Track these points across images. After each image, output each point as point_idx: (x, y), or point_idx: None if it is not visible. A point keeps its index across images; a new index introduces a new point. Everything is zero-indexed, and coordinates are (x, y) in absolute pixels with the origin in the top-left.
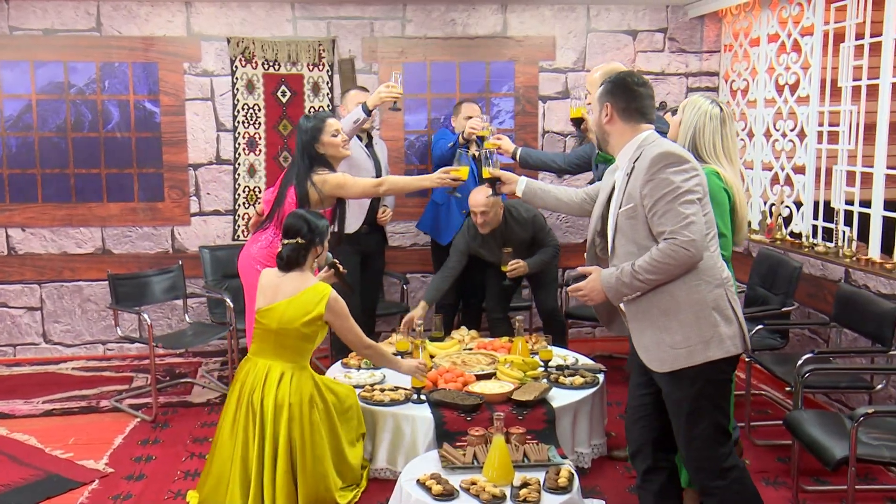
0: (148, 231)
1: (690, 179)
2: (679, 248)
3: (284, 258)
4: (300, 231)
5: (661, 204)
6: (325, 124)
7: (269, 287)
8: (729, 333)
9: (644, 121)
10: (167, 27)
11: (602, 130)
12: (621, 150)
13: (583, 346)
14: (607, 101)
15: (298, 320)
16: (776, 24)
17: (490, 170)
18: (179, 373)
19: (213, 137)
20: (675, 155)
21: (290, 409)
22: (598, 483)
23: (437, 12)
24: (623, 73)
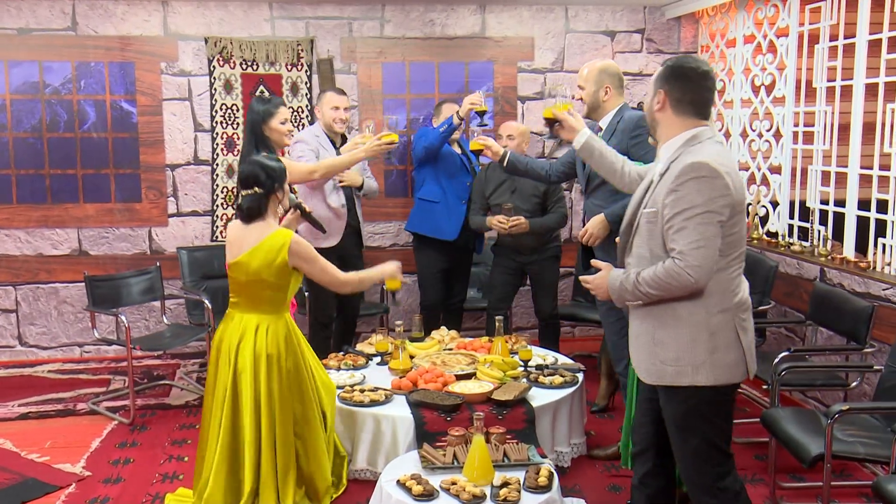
0: (125, 232)
1: (717, 199)
2: (682, 271)
3: (245, 210)
4: (258, 179)
5: (679, 219)
6: (277, 110)
7: (234, 240)
8: (726, 361)
9: (697, 116)
10: (144, 27)
11: (652, 117)
12: (666, 143)
13: (562, 346)
14: (662, 87)
15: (264, 271)
16: (752, 25)
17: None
18: (157, 375)
19: (191, 138)
20: (707, 167)
21: (268, 361)
22: (578, 482)
23: (416, 13)
24: (684, 59)
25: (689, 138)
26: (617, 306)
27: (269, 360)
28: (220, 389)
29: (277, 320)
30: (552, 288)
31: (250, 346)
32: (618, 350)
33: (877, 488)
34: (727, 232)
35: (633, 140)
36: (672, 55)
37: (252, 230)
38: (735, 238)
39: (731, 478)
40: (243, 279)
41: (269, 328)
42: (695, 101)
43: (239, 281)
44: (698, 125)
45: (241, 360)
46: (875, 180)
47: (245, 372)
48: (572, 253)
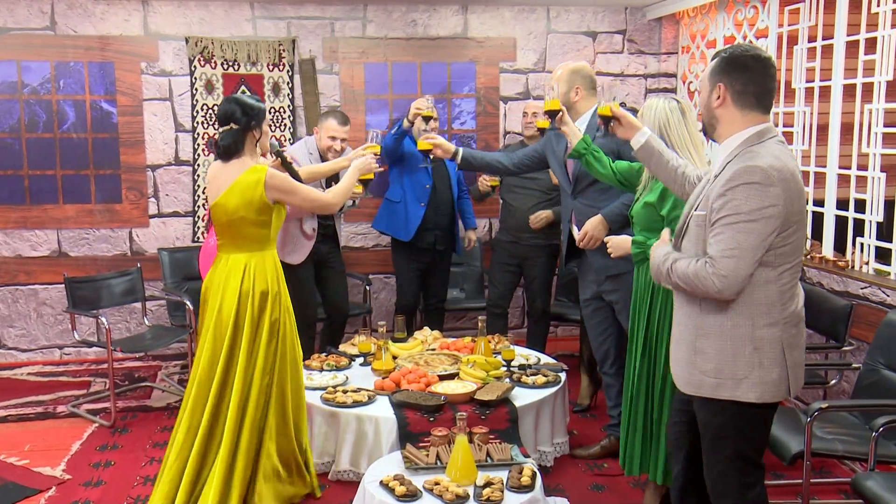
0: (105, 233)
1: (766, 209)
2: (709, 277)
3: (221, 147)
4: (233, 115)
5: (720, 224)
6: None
7: (213, 180)
8: (769, 378)
9: (761, 110)
10: (124, 26)
11: (710, 114)
12: (725, 140)
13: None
14: (721, 80)
15: (243, 209)
16: (732, 26)
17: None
18: (138, 377)
19: (172, 138)
20: (762, 173)
21: (262, 298)
22: (561, 481)
23: (398, 13)
24: (742, 47)
25: (752, 136)
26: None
27: (262, 297)
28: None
29: (265, 257)
30: (549, 284)
31: (237, 284)
32: (601, 350)
33: (855, 485)
34: (779, 243)
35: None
36: (654, 56)
37: (229, 168)
38: (789, 248)
39: (758, 490)
40: (224, 220)
41: (257, 265)
42: (758, 93)
43: (221, 222)
44: (762, 121)
45: (229, 301)
46: (853, 180)
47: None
48: None
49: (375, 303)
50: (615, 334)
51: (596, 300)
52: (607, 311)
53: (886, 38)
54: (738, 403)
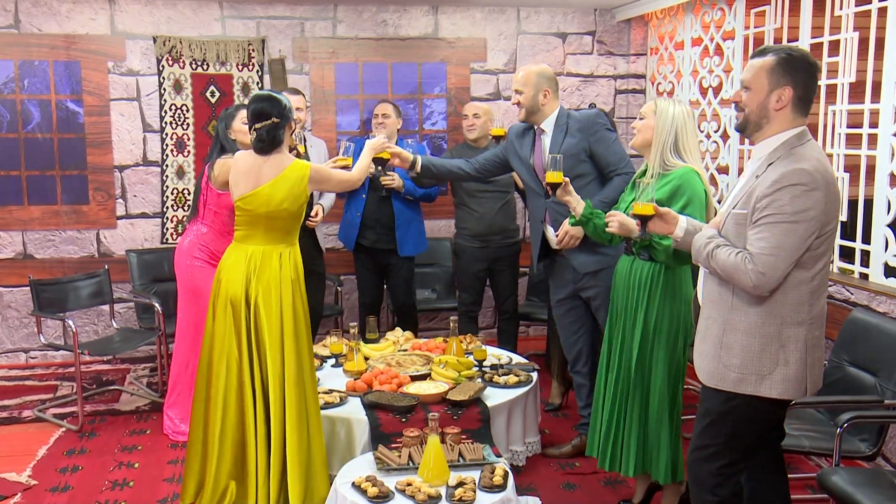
0: (72, 235)
1: (808, 211)
2: (749, 272)
3: (265, 139)
4: (272, 112)
5: (763, 222)
6: (238, 113)
7: (248, 172)
8: (792, 376)
9: (805, 115)
10: (90, 25)
11: (764, 115)
12: (764, 141)
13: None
14: (788, 83)
15: (288, 201)
16: (699, 28)
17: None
18: (107, 380)
19: (140, 138)
20: (808, 176)
21: (292, 285)
22: (533, 480)
23: (369, 13)
24: (806, 51)
25: (792, 138)
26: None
27: (292, 286)
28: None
29: (295, 249)
30: (517, 283)
31: (274, 274)
32: (573, 350)
33: (821, 480)
34: (816, 245)
35: (594, 137)
36: (623, 57)
37: (269, 161)
38: (822, 251)
39: (735, 479)
40: (263, 210)
41: (287, 256)
42: (810, 99)
43: (257, 213)
44: (803, 123)
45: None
46: None
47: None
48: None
49: (347, 304)
50: (588, 333)
51: (571, 299)
52: (582, 310)
53: (849, 41)
54: (746, 397)
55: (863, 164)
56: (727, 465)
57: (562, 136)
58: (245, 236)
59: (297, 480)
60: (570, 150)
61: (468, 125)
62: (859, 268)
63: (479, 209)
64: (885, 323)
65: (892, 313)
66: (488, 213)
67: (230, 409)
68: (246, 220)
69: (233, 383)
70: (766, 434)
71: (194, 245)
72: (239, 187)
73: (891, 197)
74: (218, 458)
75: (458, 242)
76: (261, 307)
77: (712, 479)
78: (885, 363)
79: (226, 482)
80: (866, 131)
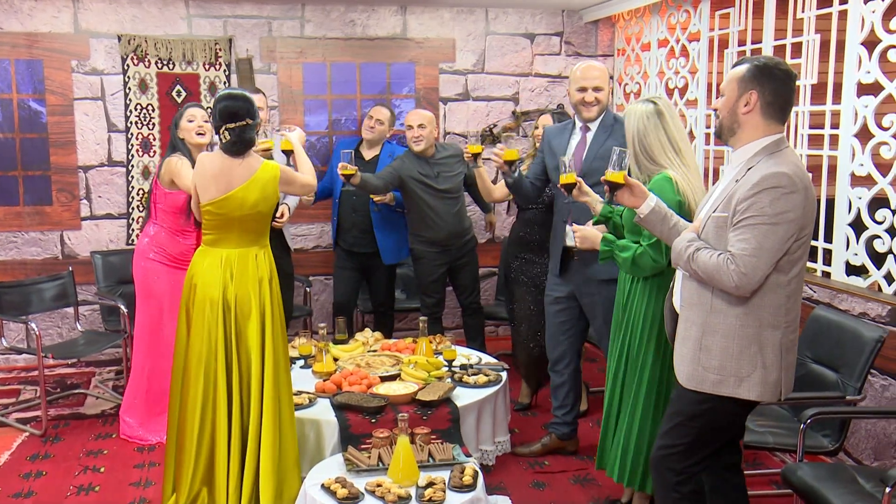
0: (35, 236)
1: (788, 213)
2: (731, 273)
3: (239, 142)
4: (249, 111)
5: (744, 224)
6: (185, 111)
7: (219, 175)
8: (769, 379)
9: (780, 121)
10: (53, 23)
11: (734, 119)
12: (743, 146)
13: (486, 345)
14: (754, 87)
15: (262, 203)
16: (665, 29)
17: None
18: (71, 384)
19: (105, 138)
20: (788, 179)
21: (269, 285)
22: (503, 479)
23: (337, 13)
24: (774, 60)
25: (770, 144)
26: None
27: (269, 287)
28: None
29: (268, 249)
30: (477, 276)
31: (251, 276)
32: (557, 350)
33: (785, 476)
34: (794, 249)
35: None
36: (590, 58)
37: (239, 164)
38: (799, 255)
39: (697, 477)
40: (237, 214)
41: (261, 257)
42: (783, 106)
43: (230, 217)
44: (779, 131)
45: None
46: None
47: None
48: (494, 252)
49: (316, 304)
50: (577, 336)
51: (568, 299)
52: (576, 312)
53: (811, 43)
54: (721, 398)
55: (825, 165)
56: (692, 464)
57: (607, 133)
58: (217, 240)
59: (270, 482)
60: (597, 148)
61: (414, 137)
62: (822, 266)
63: (435, 216)
64: (846, 320)
65: (853, 311)
66: (446, 219)
67: (208, 414)
68: (218, 224)
69: (210, 389)
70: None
71: (149, 246)
72: (209, 191)
73: (852, 197)
74: (194, 464)
75: (416, 248)
76: (241, 310)
77: (676, 478)
78: (846, 360)
79: (199, 487)
80: (828, 132)
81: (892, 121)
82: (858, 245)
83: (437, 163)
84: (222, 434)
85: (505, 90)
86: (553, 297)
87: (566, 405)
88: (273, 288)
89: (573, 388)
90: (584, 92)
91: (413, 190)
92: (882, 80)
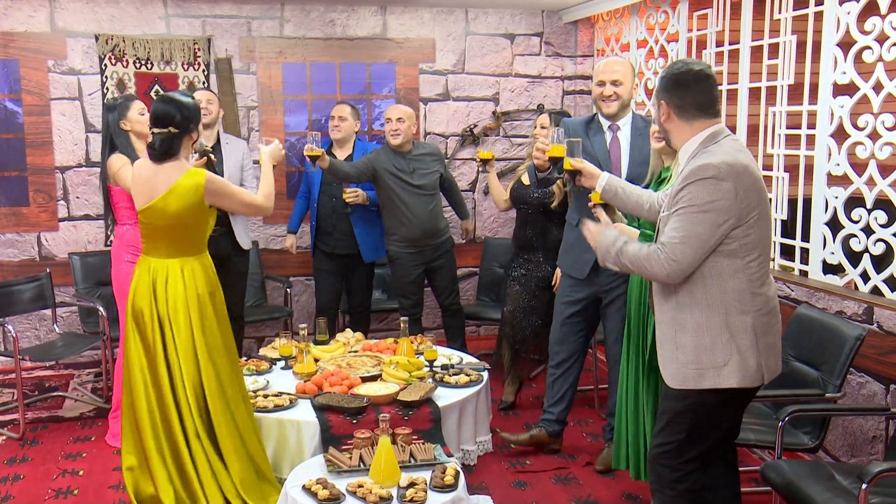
0: (11, 238)
1: (718, 202)
2: (662, 261)
3: (157, 149)
4: (173, 119)
5: (675, 214)
6: (132, 104)
7: (143, 182)
8: (747, 363)
9: (705, 116)
10: (29, 22)
11: (662, 128)
12: (683, 146)
13: (467, 345)
14: (661, 98)
15: (184, 213)
16: (644, 30)
17: (572, 161)
18: (49, 386)
19: (82, 139)
20: (714, 169)
21: (199, 300)
22: (485, 479)
23: (316, 13)
24: (675, 66)
25: (706, 138)
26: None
27: (200, 300)
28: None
29: (202, 258)
30: (455, 276)
31: (180, 289)
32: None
33: (764, 473)
34: (741, 234)
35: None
36: (570, 58)
37: (163, 171)
38: (753, 239)
39: (693, 476)
40: (161, 223)
41: (194, 268)
42: (699, 104)
43: (156, 226)
44: (711, 124)
45: (171, 305)
46: None
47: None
48: (475, 252)
49: (296, 305)
50: (586, 338)
51: (587, 301)
52: (591, 312)
53: (788, 44)
54: (703, 392)
55: (801, 164)
56: (686, 461)
57: (636, 135)
58: (148, 249)
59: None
60: (637, 153)
61: (392, 130)
62: (799, 265)
63: (409, 212)
64: (828, 319)
65: (830, 309)
66: (420, 216)
67: (158, 426)
68: (147, 233)
69: (153, 400)
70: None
71: (122, 247)
72: (139, 198)
73: (828, 196)
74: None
75: (392, 249)
76: (169, 325)
77: (672, 475)
78: (827, 358)
79: None
80: (804, 132)
81: (867, 121)
82: (835, 244)
83: (414, 158)
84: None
85: (485, 90)
86: (572, 298)
87: (562, 403)
88: (216, 300)
89: (572, 387)
90: (603, 86)
91: (387, 183)
92: (857, 81)
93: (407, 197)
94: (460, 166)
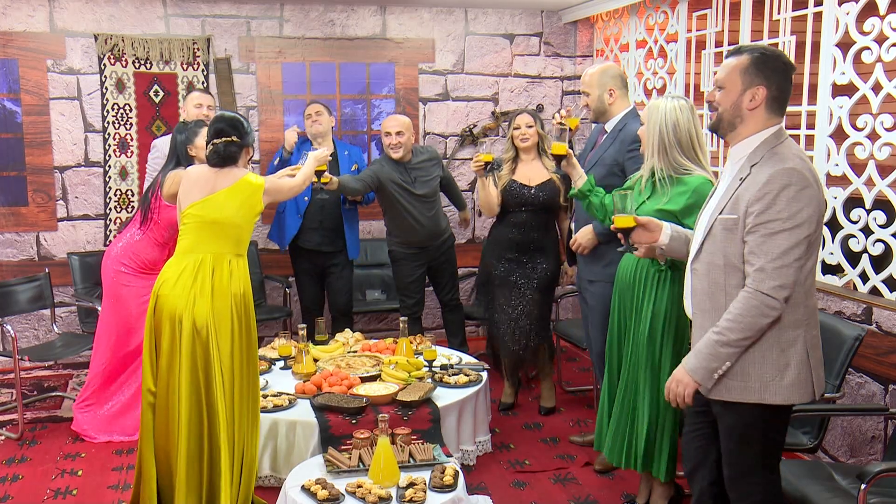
0: (10, 237)
1: (805, 210)
2: (762, 303)
3: (221, 153)
4: (236, 129)
5: (761, 231)
6: (201, 130)
7: (202, 181)
8: (796, 380)
9: (781, 115)
10: (28, 22)
11: (737, 114)
12: (742, 142)
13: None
14: (763, 82)
15: (239, 213)
16: (643, 30)
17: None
18: (48, 386)
19: (81, 138)
20: (798, 175)
21: (244, 297)
22: (484, 479)
23: (316, 13)
24: (780, 51)
25: (770, 137)
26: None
27: (245, 297)
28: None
29: (243, 258)
30: (455, 273)
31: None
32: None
33: None
34: (813, 248)
35: (629, 154)
36: (569, 58)
37: (224, 173)
38: (814, 247)
39: (776, 487)
40: (213, 216)
41: (241, 267)
42: (786, 100)
43: (206, 219)
44: (779, 122)
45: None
46: None
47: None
48: (475, 252)
49: (296, 305)
50: None
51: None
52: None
53: (787, 44)
54: (763, 406)
55: None
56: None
57: (611, 140)
58: (191, 246)
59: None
60: (607, 160)
61: (392, 144)
62: None
63: (413, 221)
64: (827, 319)
65: (829, 309)
66: (423, 223)
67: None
68: (194, 228)
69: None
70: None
71: (125, 252)
72: (191, 195)
73: (827, 197)
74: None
75: (395, 250)
76: (217, 326)
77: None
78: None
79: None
80: (804, 133)
81: (866, 121)
82: (834, 244)
83: (414, 167)
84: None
85: (484, 90)
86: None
87: None
88: (247, 302)
89: None
90: None
91: (391, 193)
92: (856, 81)
93: (410, 206)
94: (459, 166)
